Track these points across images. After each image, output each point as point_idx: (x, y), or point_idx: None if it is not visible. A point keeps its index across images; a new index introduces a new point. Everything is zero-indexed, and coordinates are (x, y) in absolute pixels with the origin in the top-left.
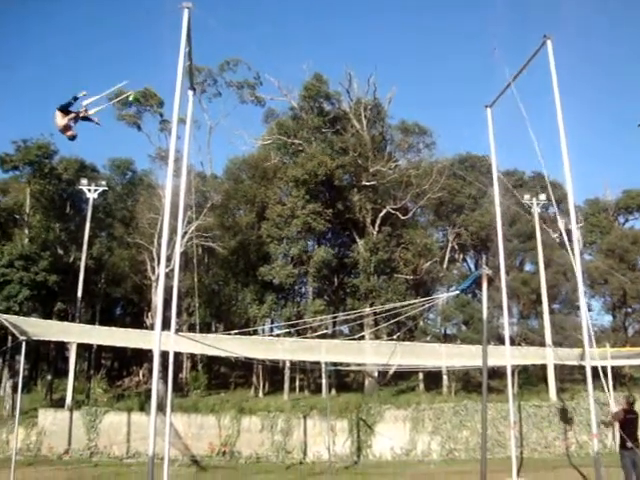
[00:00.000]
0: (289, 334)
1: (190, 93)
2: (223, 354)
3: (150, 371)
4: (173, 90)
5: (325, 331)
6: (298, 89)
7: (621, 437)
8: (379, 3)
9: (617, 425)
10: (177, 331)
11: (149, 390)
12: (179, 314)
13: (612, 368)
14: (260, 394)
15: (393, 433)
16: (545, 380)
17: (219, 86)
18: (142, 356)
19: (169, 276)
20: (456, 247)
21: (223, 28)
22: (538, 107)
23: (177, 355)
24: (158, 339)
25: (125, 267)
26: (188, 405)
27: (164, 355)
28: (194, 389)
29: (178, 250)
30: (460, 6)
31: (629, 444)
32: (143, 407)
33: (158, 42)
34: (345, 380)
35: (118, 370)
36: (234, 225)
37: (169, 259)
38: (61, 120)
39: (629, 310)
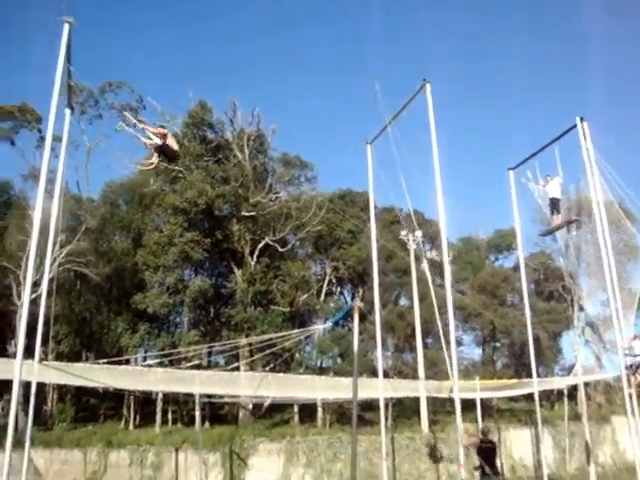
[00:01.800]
0: (162, 364)
1: (68, 112)
2: (92, 384)
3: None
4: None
5: (199, 362)
6: (182, 115)
7: (480, 465)
8: (267, 37)
9: (475, 454)
10: (42, 360)
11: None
12: (46, 342)
13: (481, 400)
14: (131, 426)
15: (267, 466)
16: (418, 412)
17: (100, 107)
18: (3, 387)
19: (36, 302)
20: (333, 280)
21: (107, 47)
22: (420, 144)
23: (42, 386)
24: (19, 368)
25: None
26: (52, 439)
27: (27, 386)
28: (60, 422)
29: (46, 274)
30: (345, 42)
31: (487, 470)
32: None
33: (40, 56)
34: (219, 412)
35: None
36: (109, 251)
37: (37, 284)
38: None
39: (498, 344)
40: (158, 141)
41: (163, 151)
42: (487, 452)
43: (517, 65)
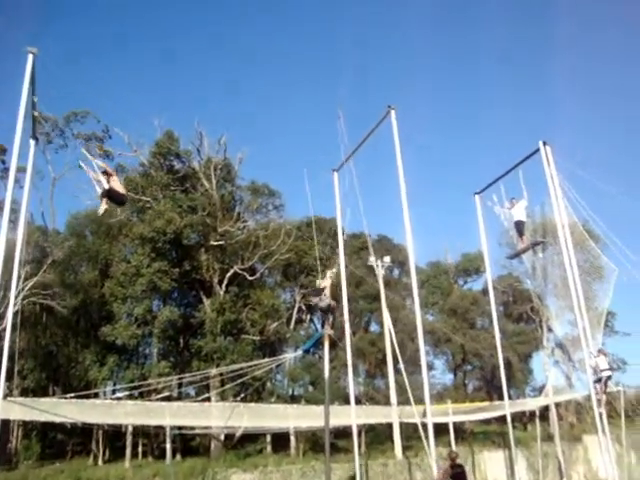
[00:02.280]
0: (132, 397)
1: (32, 142)
2: (59, 419)
3: None
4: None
5: (170, 393)
6: (149, 145)
7: None
8: (234, 66)
9: None
10: (6, 396)
11: None
12: (10, 378)
13: (453, 424)
14: (100, 462)
15: None
16: (392, 438)
17: (66, 137)
18: None
19: (0, 336)
20: (303, 308)
21: (71, 76)
22: (387, 170)
23: (6, 423)
24: None
25: None
26: (16, 479)
27: None
28: (25, 460)
29: (11, 307)
30: (313, 71)
31: None
32: None
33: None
34: (191, 444)
35: None
36: (76, 283)
37: (1, 317)
38: None
39: (469, 368)
40: (105, 185)
41: (110, 195)
42: (460, 477)
43: (482, 90)
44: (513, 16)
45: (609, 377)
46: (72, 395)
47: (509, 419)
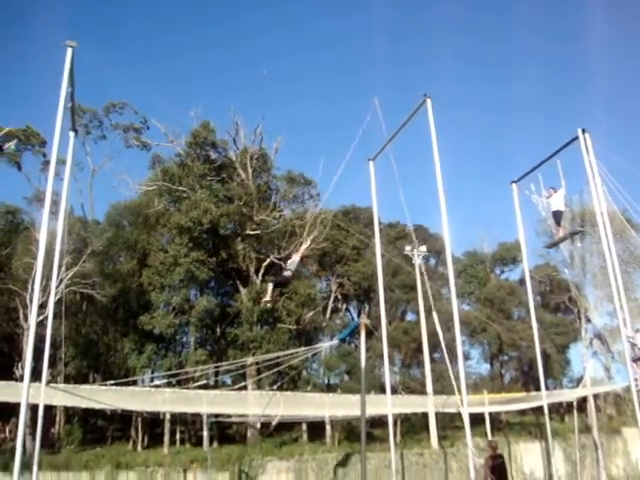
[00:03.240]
0: (170, 385)
1: (72, 134)
2: (99, 406)
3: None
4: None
5: (206, 382)
6: (185, 135)
7: None
8: (271, 57)
9: (488, 471)
10: (49, 382)
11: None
12: (53, 365)
13: (490, 414)
14: (139, 448)
15: None
16: (427, 428)
17: (104, 128)
18: (9, 410)
19: (43, 324)
20: (339, 297)
21: (109, 68)
22: (422, 159)
23: (49, 408)
24: (26, 391)
25: None
26: (59, 462)
27: (34, 409)
28: (67, 444)
29: (52, 296)
30: (350, 59)
31: None
32: (7, 466)
33: (42, 79)
34: (227, 432)
35: None
36: (115, 272)
37: (43, 306)
38: None
39: (505, 358)
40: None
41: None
42: (498, 467)
43: (519, 77)
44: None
45: None
46: (111, 382)
47: (546, 410)
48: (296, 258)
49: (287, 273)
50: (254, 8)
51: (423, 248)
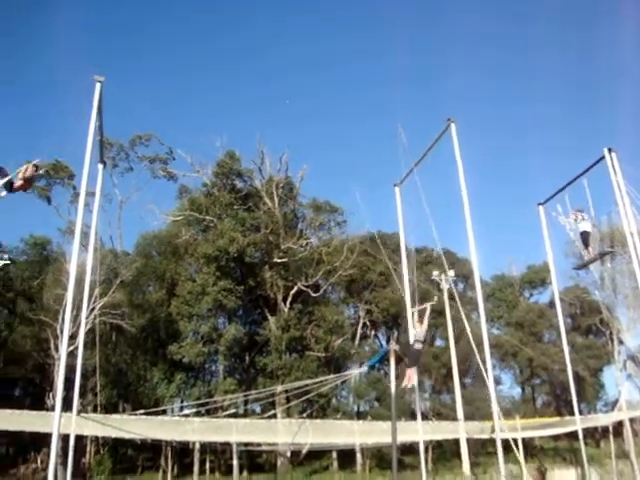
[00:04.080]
0: (199, 414)
1: (100, 167)
2: (129, 436)
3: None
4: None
5: (236, 410)
6: (211, 165)
7: None
8: (290, 85)
9: None
10: (80, 412)
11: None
12: (83, 394)
13: (523, 440)
14: (169, 477)
15: None
16: (459, 454)
17: (131, 160)
18: (41, 440)
19: (74, 354)
20: (367, 323)
21: (135, 100)
22: (448, 183)
23: (80, 438)
24: (57, 421)
25: (27, 345)
26: None
27: (65, 439)
28: (98, 474)
29: (83, 326)
30: (368, 83)
31: None
32: None
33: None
34: (257, 461)
35: (13, 457)
36: (144, 302)
37: (74, 337)
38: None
39: (537, 382)
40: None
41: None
42: None
43: (543, 96)
44: (574, 18)
45: None
46: (141, 412)
47: (581, 435)
48: (423, 327)
49: (418, 346)
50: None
51: (451, 272)
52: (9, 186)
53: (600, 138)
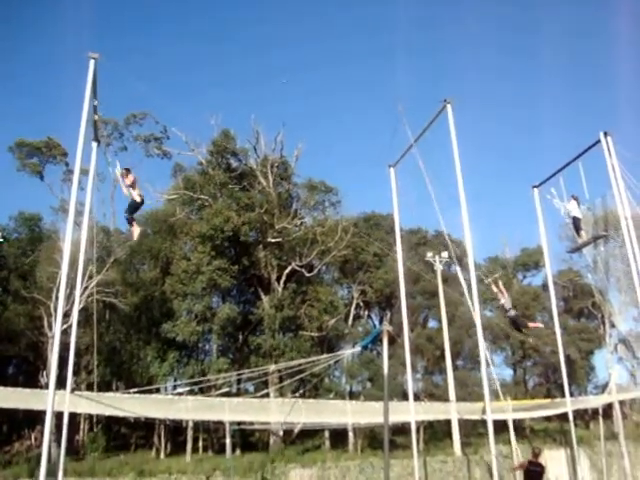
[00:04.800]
0: (192, 392)
1: (94, 145)
2: (122, 414)
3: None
4: (77, 141)
5: (229, 389)
6: (206, 144)
7: None
8: (288, 61)
9: (522, 473)
10: (74, 390)
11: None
12: (77, 372)
13: (513, 421)
14: (162, 455)
15: None
16: (450, 435)
17: (125, 139)
18: (36, 417)
19: (67, 332)
20: (361, 304)
21: (131, 79)
22: (443, 165)
23: (74, 416)
24: (51, 399)
25: (20, 323)
26: (84, 469)
27: (59, 416)
28: (91, 451)
29: (77, 304)
30: (365, 63)
31: None
32: (33, 473)
33: (64, 91)
34: (250, 439)
35: (7, 434)
36: (137, 281)
37: (67, 315)
38: None
39: (529, 364)
40: (136, 197)
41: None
42: (534, 476)
43: (541, 80)
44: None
45: None
46: (135, 390)
47: (571, 417)
48: (506, 295)
49: (512, 312)
50: (276, 20)
51: (445, 254)
52: (139, 204)
53: (599, 120)
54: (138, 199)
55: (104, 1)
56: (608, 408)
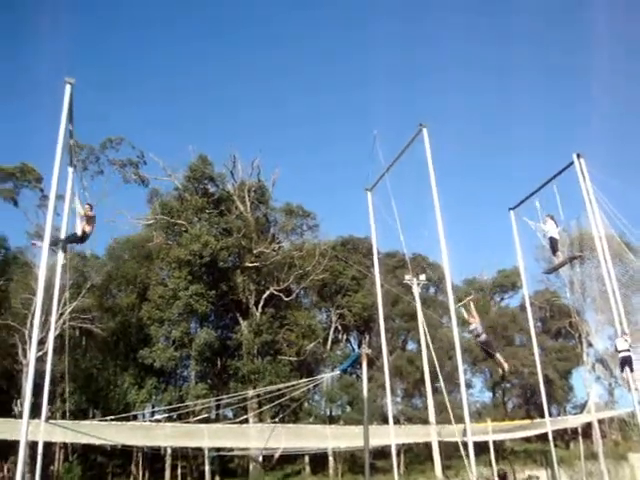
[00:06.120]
0: (170, 419)
1: (70, 170)
2: (99, 442)
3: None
4: (53, 166)
5: (208, 415)
6: (183, 169)
7: None
8: (267, 88)
9: None
10: (49, 419)
11: None
12: (52, 401)
13: (494, 442)
14: None
15: None
16: (431, 458)
17: (101, 164)
18: (9, 448)
19: (42, 360)
20: (339, 328)
21: (107, 103)
22: (420, 187)
23: (48, 445)
24: (25, 428)
25: None
26: None
27: (33, 446)
28: None
29: (52, 331)
30: (342, 90)
31: None
32: None
33: (38, 116)
34: (229, 466)
35: None
36: (114, 306)
37: (42, 342)
38: None
39: (508, 386)
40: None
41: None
42: None
43: (516, 103)
44: (545, 27)
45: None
46: (112, 417)
47: (551, 437)
48: (477, 319)
49: (483, 337)
50: (252, 50)
51: (423, 277)
52: (78, 239)
53: (573, 143)
54: (81, 233)
55: (81, 27)
56: (587, 428)
